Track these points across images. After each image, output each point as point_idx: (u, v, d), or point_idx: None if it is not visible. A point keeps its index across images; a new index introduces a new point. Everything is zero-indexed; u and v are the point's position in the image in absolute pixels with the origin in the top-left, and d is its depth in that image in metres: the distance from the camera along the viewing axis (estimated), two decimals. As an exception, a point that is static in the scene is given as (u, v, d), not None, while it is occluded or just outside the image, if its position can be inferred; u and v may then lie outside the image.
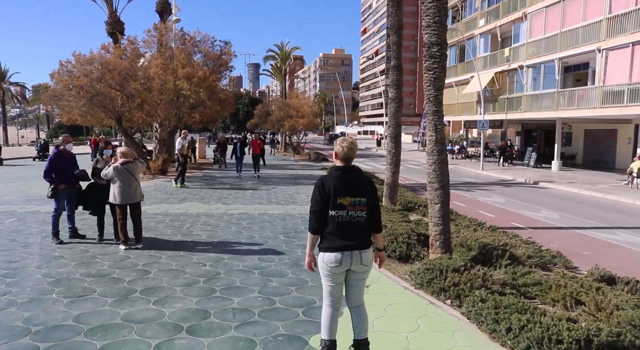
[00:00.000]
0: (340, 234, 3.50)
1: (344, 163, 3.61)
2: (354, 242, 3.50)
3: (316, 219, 3.53)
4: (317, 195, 3.53)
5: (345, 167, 3.59)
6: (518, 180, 21.65)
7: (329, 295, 3.64)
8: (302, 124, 35.63)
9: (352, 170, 3.60)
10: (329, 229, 3.53)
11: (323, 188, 3.52)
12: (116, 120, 17.87)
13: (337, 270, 3.53)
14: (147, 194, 13.21)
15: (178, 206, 11.59)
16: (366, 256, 3.56)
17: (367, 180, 3.65)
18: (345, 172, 3.57)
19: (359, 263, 3.53)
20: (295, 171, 22.91)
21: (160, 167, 18.87)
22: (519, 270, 6.22)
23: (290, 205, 12.07)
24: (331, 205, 3.49)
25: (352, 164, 3.64)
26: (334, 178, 3.55)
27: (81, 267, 6.36)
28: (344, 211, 3.49)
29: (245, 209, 11.33)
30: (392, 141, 11.91)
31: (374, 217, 3.64)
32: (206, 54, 18.68)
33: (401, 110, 12.01)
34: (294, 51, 44.62)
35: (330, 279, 3.58)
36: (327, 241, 3.54)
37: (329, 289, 3.62)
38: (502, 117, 28.31)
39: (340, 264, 3.50)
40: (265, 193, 14.26)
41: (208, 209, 11.30)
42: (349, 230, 3.51)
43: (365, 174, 3.75)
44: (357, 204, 3.52)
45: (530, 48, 25.15)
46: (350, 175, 3.57)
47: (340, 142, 3.63)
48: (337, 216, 3.49)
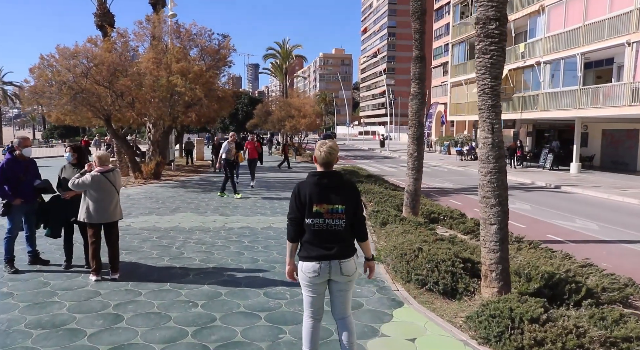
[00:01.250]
0: (318, 243, 3.35)
1: (324, 168, 3.42)
2: (331, 251, 3.33)
3: (292, 228, 3.41)
4: (293, 203, 3.40)
5: (323, 173, 3.40)
6: (538, 184, 20.20)
7: (310, 306, 3.49)
8: (304, 124, 34.18)
9: (331, 175, 3.40)
10: (306, 237, 3.38)
11: (299, 195, 3.38)
12: (104, 119, 16.36)
13: (317, 281, 3.39)
14: (135, 203, 11.92)
15: (169, 218, 10.08)
16: (347, 266, 3.38)
17: (348, 186, 3.45)
18: (322, 177, 3.38)
19: (339, 273, 3.37)
20: (299, 174, 21.42)
21: (153, 171, 17.36)
22: (607, 313, 4.72)
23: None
24: (307, 213, 3.34)
25: (333, 169, 3.45)
26: (310, 184, 3.38)
27: (31, 310, 4.84)
28: (320, 219, 3.33)
29: (247, 222, 9.82)
30: (414, 143, 10.42)
31: (357, 225, 3.45)
32: (203, 48, 17.15)
33: (424, 108, 10.52)
34: (295, 49, 43.19)
35: (310, 289, 3.44)
36: (305, 250, 3.39)
37: (309, 299, 3.48)
38: (517, 116, 26.80)
39: (318, 274, 3.36)
40: (269, 202, 12.75)
41: (203, 221, 9.79)
42: (327, 238, 3.35)
43: (346, 179, 3.51)
44: (334, 211, 3.34)
45: (548, 43, 23.65)
46: (328, 181, 3.38)
47: (319, 146, 3.44)
48: (314, 224, 3.34)
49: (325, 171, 3.42)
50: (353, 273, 3.42)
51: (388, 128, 57.14)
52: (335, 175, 3.43)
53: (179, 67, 14.95)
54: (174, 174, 20.21)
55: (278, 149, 45.02)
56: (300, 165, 28.05)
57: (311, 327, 3.51)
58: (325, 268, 3.34)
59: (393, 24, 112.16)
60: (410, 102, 10.54)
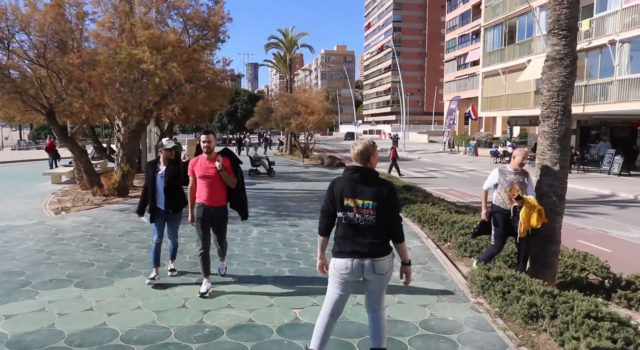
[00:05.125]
0: (350, 237, 3.35)
1: (360, 163, 3.43)
2: (364, 247, 3.31)
3: (323, 220, 3.49)
4: (327, 196, 3.46)
5: (356, 167, 3.43)
6: (623, 196, 15.50)
7: (331, 303, 3.45)
8: (312, 122, 29.28)
9: (364, 171, 3.39)
10: (338, 231, 3.42)
11: (332, 188, 3.43)
12: (46, 114, 11.56)
13: (349, 279, 3.36)
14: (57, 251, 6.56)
15: (95, 298, 5.20)
16: (379, 265, 3.32)
17: (382, 184, 3.37)
18: (355, 172, 3.39)
19: (372, 272, 3.32)
20: (313, 184, 16.60)
21: (118, 185, 12.53)
22: None
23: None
24: (339, 206, 3.37)
25: (368, 166, 3.42)
26: (344, 179, 3.43)
27: None
28: (350, 213, 3.34)
29: (248, 308, 4.97)
30: (553, 148, 5.59)
31: (391, 225, 3.37)
32: (185, 15, 12.30)
33: (574, 80, 5.73)
34: (300, 38, 38.28)
35: (338, 286, 3.39)
36: (338, 245, 3.41)
37: (334, 296, 3.43)
38: (577, 110, 21.95)
39: (351, 272, 3.32)
40: (282, 238, 7.95)
41: (161, 307, 4.91)
42: (358, 233, 3.33)
43: (382, 178, 3.45)
44: (364, 206, 3.31)
45: (627, 16, 18.78)
46: (360, 176, 3.37)
47: (354, 143, 3.49)
48: (344, 218, 3.36)
49: (359, 166, 3.42)
50: (386, 272, 3.36)
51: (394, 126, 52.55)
52: (368, 171, 3.40)
53: (148, 34, 10.10)
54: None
55: (280, 150, 40.58)
56: (310, 170, 23.27)
57: (325, 324, 3.44)
58: (357, 266, 3.30)
59: (399, 18, 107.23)
60: (546, 73, 5.72)
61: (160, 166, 5.60)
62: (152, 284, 5.46)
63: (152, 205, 5.56)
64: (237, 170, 5.41)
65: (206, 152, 5.20)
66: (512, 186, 5.69)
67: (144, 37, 10.18)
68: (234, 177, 5.30)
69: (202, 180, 5.24)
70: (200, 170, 5.25)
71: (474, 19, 54.48)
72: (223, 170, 5.12)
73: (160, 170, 5.58)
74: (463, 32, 57.28)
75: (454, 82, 56.85)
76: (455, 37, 59.74)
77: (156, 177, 5.55)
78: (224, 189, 5.31)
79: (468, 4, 55.65)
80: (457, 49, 59.20)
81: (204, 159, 5.26)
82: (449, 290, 5.54)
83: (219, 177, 5.18)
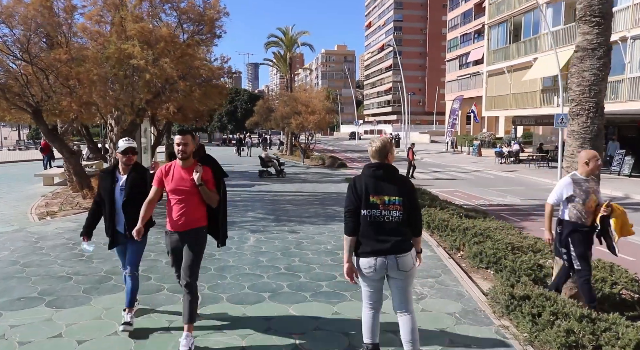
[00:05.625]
0: (374, 236, 3.32)
1: (379, 160, 3.44)
2: (387, 244, 3.30)
3: (351, 219, 3.37)
4: (350, 194, 3.40)
5: (378, 164, 3.42)
6: (637, 198, 14.88)
7: (368, 299, 3.47)
8: (312, 122, 28.70)
9: (385, 167, 3.42)
10: (362, 230, 3.36)
11: (355, 187, 3.39)
12: (32, 113, 10.96)
13: (374, 277, 3.37)
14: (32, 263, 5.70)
15: (60, 323, 4.59)
16: (403, 261, 3.32)
17: (401, 179, 3.44)
18: (377, 169, 3.40)
19: (396, 269, 3.32)
20: (314, 185, 16.00)
21: (109, 187, 11.92)
22: None
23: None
24: (363, 204, 3.33)
25: (388, 163, 3.44)
26: (366, 176, 3.41)
27: None
28: (376, 210, 3.32)
29: (238, 331, 4.33)
30: (585, 150, 4.97)
31: (412, 219, 3.41)
32: (179, 9, 11.70)
33: (608, 73, 5.12)
34: (301, 36, 37.67)
35: (367, 284, 3.43)
36: (361, 246, 3.37)
37: (367, 293, 3.46)
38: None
39: (375, 270, 3.33)
40: (281, 246, 7.32)
41: (140, 332, 4.29)
42: (382, 231, 3.31)
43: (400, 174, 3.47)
44: (391, 202, 3.32)
45: (639, 12, 18.16)
46: (382, 173, 3.39)
47: (371, 141, 3.51)
48: (370, 216, 3.33)
49: (381, 163, 3.41)
50: (410, 268, 3.36)
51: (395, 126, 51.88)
52: (390, 167, 3.42)
53: (138, 28, 9.48)
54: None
55: (281, 150, 40.00)
56: (311, 171, 22.67)
57: (371, 317, 3.45)
58: (381, 264, 3.30)
59: (399, 17, 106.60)
60: (576, 66, 5.11)
61: (120, 175, 4.28)
62: (127, 330, 4.15)
63: (110, 227, 4.29)
64: (221, 184, 4.12)
65: (181, 158, 3.88)
66: (589, 196, 4.64)
67: (134, 31, 9.56)
68: (215, 194, 3.99)
69: (174, 195, 3.93)
70: (171, 183, 3.93)
71: (475, 18, 53.86)
72: (203, 185, 3.86)
73: (119, 181, 4.25)
74: (465, 31, 56.64)
75: (455, 82, 56.23)
76: (457, 36, 59.11)
77: (114, 189, 4.24)
78: (203, 206, 4.01)
79: (470, 3, 55.01)
80: (458, 48, 58.57)
81: (178, 168, 3.95)
82: (467, 309, 4.92)
83: (197, 193, 3.90)
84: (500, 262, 6.20)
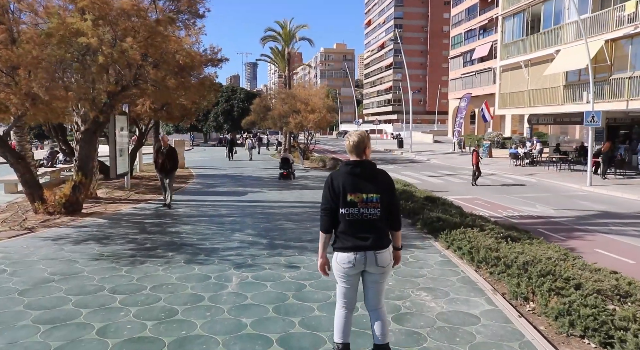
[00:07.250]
0: (353, 233, 3.28)
1: (356, 157, 3.36)
2: (367, 241, 3.27)
3: (326, 218, 3.33)
4: (327, 193, 3.33)
5: (355, 162, 3.35)
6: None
7: (343, 297, 3.44)
8: (312, 121, 26.50)
9: (363, 164, 3.34)
10: (341, 228, 3.31)
11: (332, 185, 3.31)
12: (-36, 107, 8.72)
13: (351, 272, 3.33)
14: None
15: None
16: (382, 257, 3.30)
17: (381, 175, 3.37)
18: (355, 166, 3.33)
19: (374, 264, 3.30)
20: (315, 193, 13.73)
21: (66, 200, 9.69)
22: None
23: None
24: (341, 202, 3.27)
25: (366, 159, 3.37)
26: (343, 174, 3.34)
27: None
28: (355, 209, 3.26)
29: None
30: None
31: (392, 214, 3.39)
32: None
33: None
34: (299, 30, 35.45)
35: (344, 280, 3.38)
36: (340, 241, 3.32)
37: (342, 290, 3.42)
38: (618, 106, 19.16)
39: (353, 265, 3.30)
40: (275, 294, 5.06)
41: None
42: (362, 228, 3.28)
43: (379, 169, 3.38)
44: (369, 200, 3.26)
45: (686, -6, 16.00)
46: (361, 170, 3.31)
47: (348, 135, 3.43)
48: (348, 214, 3.27)
49: (358, 160, 3.35)
50: (388, 264, 3.38)
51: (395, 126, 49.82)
52: (368, 164, 3.37)
53: (89, -3, 7.25)
54: (117, 198, 12.53)
55: (278, 150, 37.88)
56: (311, 174, 20.53)
57: (343, 317, 3.43)
58: (360, 259, 3.28)
59: (400, 15, 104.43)
60: None
61: None
62: None
63: None
64: None
65: None
66: None
67: (86, 1, 7.33)
68: None
69: None
70: None
71: (481, 13, 51.75)
72: None
73: None
74: (470, 27, 54.46)
75: (459, 80, 54.10)
76: (461, 33, 56.97)
77: None
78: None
79: (475, -3, 52.86)
80: (463, 44, 56.45)
81: None
82: None
83: None
84: (605, 328, 4.04)
